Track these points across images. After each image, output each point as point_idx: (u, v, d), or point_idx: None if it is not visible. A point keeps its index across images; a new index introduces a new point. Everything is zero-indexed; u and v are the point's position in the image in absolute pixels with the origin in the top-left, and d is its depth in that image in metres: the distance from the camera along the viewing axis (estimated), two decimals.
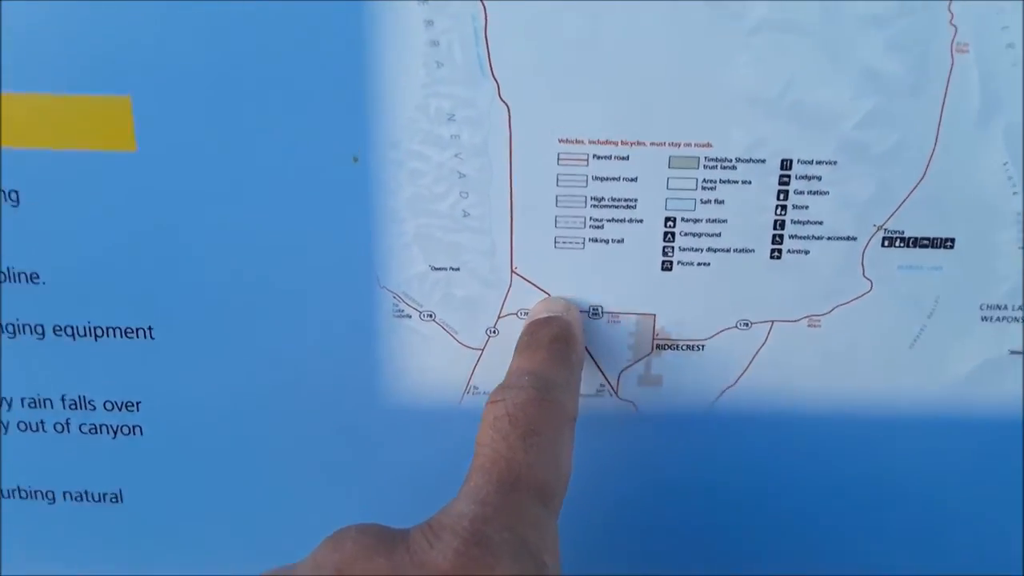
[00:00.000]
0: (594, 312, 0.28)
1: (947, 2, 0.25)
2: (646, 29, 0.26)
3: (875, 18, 0.26)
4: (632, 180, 0.27)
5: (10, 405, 0.28)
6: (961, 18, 0.26)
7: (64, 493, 0.29)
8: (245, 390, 0.28)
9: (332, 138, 0.26)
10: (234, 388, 0.28)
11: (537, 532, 0.20)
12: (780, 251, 0.28)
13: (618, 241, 0.28)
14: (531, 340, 0.26)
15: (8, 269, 0.27)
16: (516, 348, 0.26)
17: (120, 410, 0.28)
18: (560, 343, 0.25)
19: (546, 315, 0.27)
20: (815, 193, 0.27)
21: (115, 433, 0.28)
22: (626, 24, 0.26)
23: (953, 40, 0.26)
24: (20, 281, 0.27)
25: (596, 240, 0.28)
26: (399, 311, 0.28)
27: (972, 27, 0.26)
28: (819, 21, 0.26)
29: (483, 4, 0.25)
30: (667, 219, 0.28)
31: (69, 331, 0.27)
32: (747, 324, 0.28)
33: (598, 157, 0.27)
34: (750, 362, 0.29)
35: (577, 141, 0.27)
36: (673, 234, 0.28)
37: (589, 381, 0.29)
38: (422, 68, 0.26)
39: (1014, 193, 0.27)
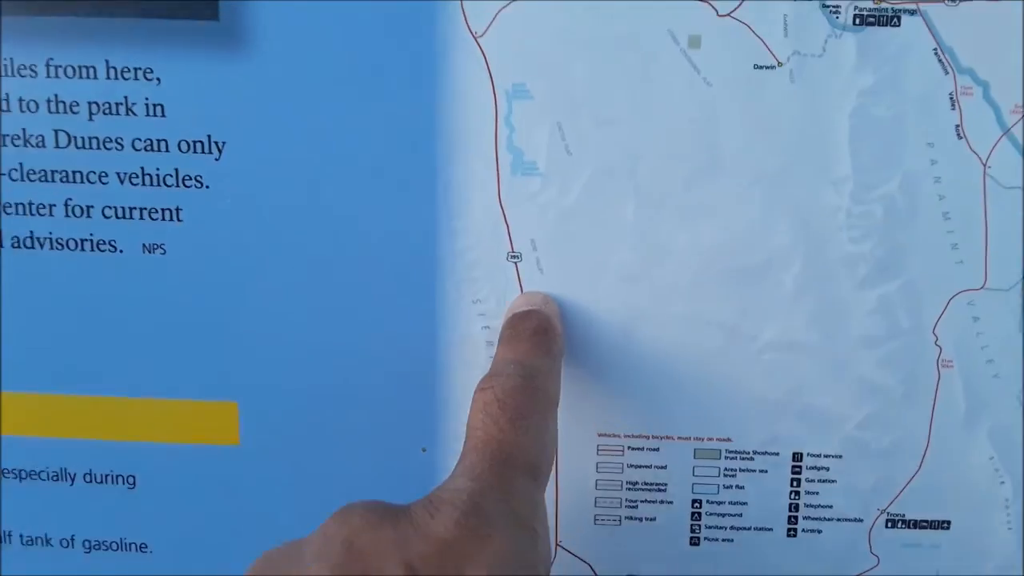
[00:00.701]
0: None
1: (932, 327, 0.30)
2: (673, 344, 0.30)
3: (869, 339, 0.30)
4: (662, 468, 0.31)
5: None
6: (945, 340, 0.30)
7: None
8: None
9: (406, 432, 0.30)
10: None
11: (528, 504, 0.22)
12: (795, 530, 0.31)
13: (651, 519, 0.32)
14: (514, 332, 0.27)
15: (121, 539, 0.31)
16: (500, 339, 0.28)
17: None
18: (541, 334, 0.27)
19: (526, 308, 0.28)
20: (824, 481, 0.31)
21: None
22: (655, 338, 0.30)
23: (938, 358, 0.30)
24: (131, 550, 0.31)
25: (631, 518, 0.32)
26: None
27: (955, 347, 0.30)
28: (820, 342, 0.30)
29: None
30: (694, 501, 0.32)
31: None
32: None
33: (632, 448, 0.31)
34: None
35: (614, 435, 0.31)
36: (700, 514, 0.32)
37: None
38: None
39: (1001, 483, 0.31)
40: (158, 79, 0.27)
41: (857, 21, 0.28)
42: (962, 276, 0.29)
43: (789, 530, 0.32)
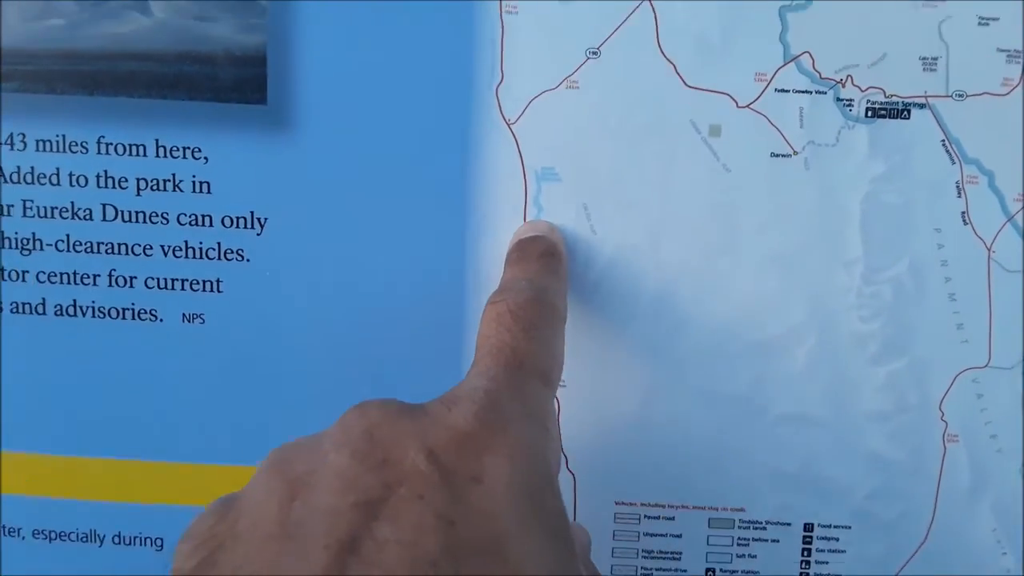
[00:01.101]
0: None
1: (939, 403, 0.31)
2: (690, 415, 0.31)
3: (878, 414, 0.31)
4: (677, 536, 0.32)
5: None
6: (950, 416, 0.31)
7: None
8: None
9: None
10: None
11: (541, 405, 0.23)
12: None
13: None
14: (522, 254, 0.28)
15: None
16: (508, 261, 0.28)
17: None
18: (548, 256, 0.27)
19: (533, 234, 0.29)
20: (834, 551, 0.32)
21: None
22: (672, 409, 0.31)
23: (944, 433, 0.31)
24: None
25: None
26: None
27: (960, 423, 0.31)
28: (831, 416, 0.31)
29: (556, 398, 0.31)
30: (708, 570, 0.32)
31: None
32: None
33: (648, 517, 0.32)
34: None
35: (631, 503, 0.32)
36: None
37: None
38: None
39: (1003, 554, 0.32)
40: (205, 158, 0.28)
41: (869, 113, 0.29)
42: (967, 355, 0.31)
43: None
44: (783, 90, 0.29)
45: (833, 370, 0.31)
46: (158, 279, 0.29)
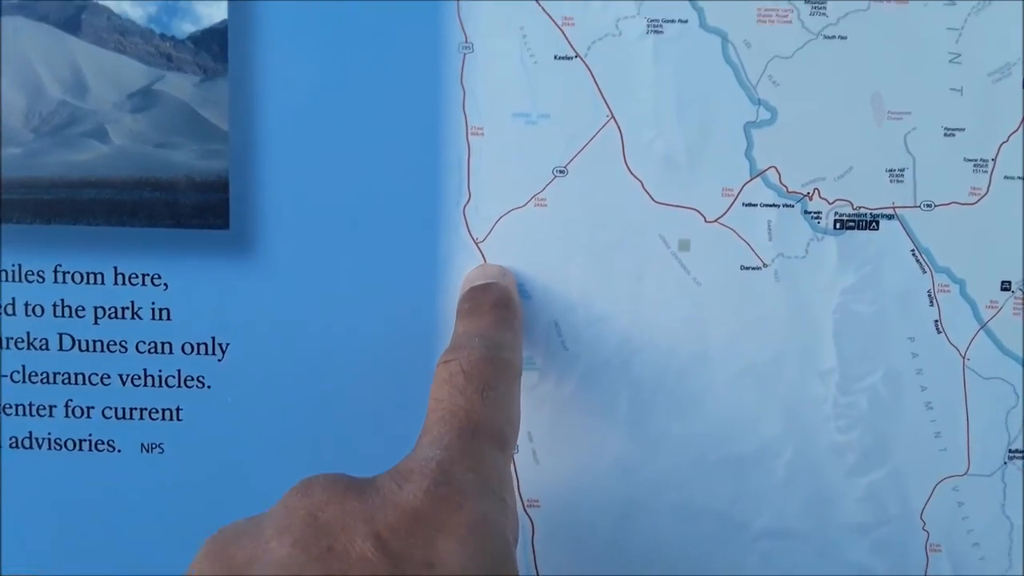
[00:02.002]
0: None
1: (920, 512, 0.30)
2: (669, 533, 0.30)
3: (859, 526, 0.30)
4: None
5: None
6: (932, 525, 0.31)
7: None
8: None
9: None
10: None
11: (497, 474, 0.21)
12: None
13: None
14: (473, 305, 0.26)
15: None
16: (459, 313, 0.27)
17: None
18: (502, 308, 0.26)
19: (484, 281, 0.27)
20: None
21: None
22: (651, 527, 0.30)
23: (927, 542, 0.31)
24: None
25: None
26: None
27: (942, 532, 0.30)
28: (812, 529, 0.30)
29: (530, 519, 0.30)
30: None
31: None
32: None
33: None
34: None
35: None
36: None
37: None
38: None
39: None
40: (165, 284, 0.28)
41: (837, 225, 0.29)
42: (946, 463, 0.30)
43: None
44: (751, 204, 0.29)
45: (812, 482, 0.30)
46: (116, 408, 0.28)
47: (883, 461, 0.30)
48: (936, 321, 0.30)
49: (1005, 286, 0.30)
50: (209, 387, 0.28)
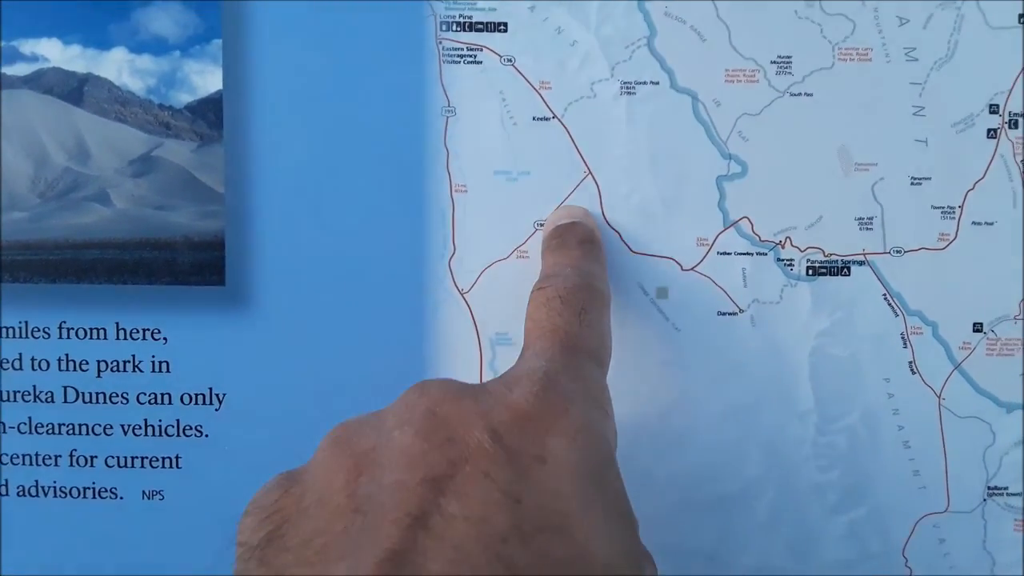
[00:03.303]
0: None
1: (901, 550, 0.31)
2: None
3: (842, 563, 0.31)
4: None
5: None
6: (914, 562, 0.31)
7: None
8: None
9: None
10: None
11: (597, 386, 0.23)
12: None
13: None
14: (561, 241, 0.28)
15: None
16: (547, 248, 0.28)
17: None
18: (588, 244, 0.28)
19: (570, 220, 0.28)
20: None
21: None
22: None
23: None
24: None
25: None
26: None
27: (924, 568, 0.31)
28: (796, 567, 0.31)
29: None
30: None
31: None
32: None
33: None
34: None
35: None
36: None
37: None
38: None
39: None
40: (165, 338, 0.29)
41: (810, 272, 0.30)
42: (926, 500, 0.31)
43: None
44: (725, 252, 0.30)
45: (795, 521, 0.31)
46: (118, 457, 0.29)
47: (863, 499, 0.31)
48: (911, 362, 0.30)
49: (977, 327, 0.30)
50: (207, 436, 0.29)
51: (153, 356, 0.29)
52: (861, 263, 0.30)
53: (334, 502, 0.18)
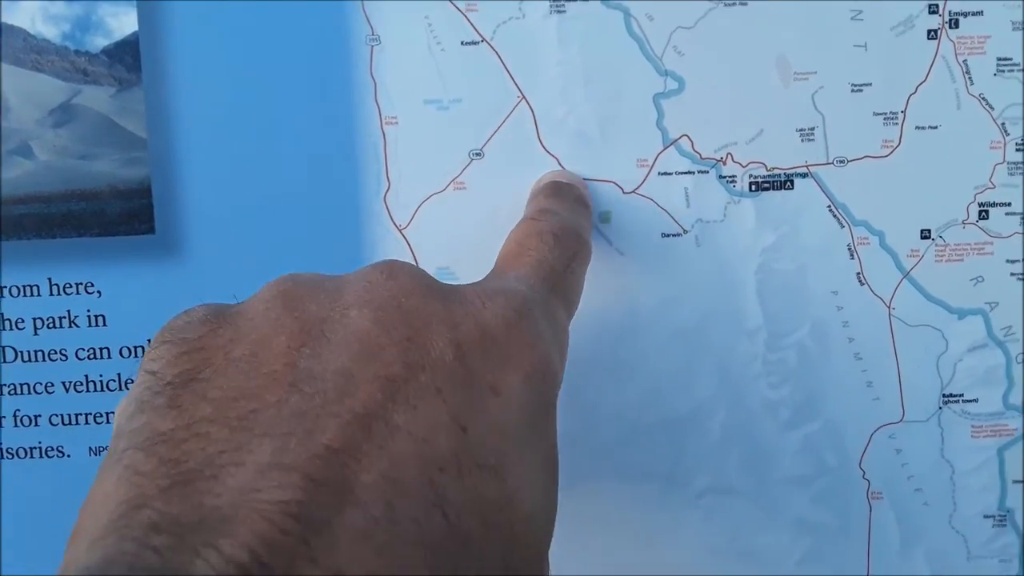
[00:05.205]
0: None
1: (858, 462, 0.31)
2: (613, 496, 0.31)
3: (799, 478, 0.31)
4: None
5: None
6: (872, 473, 0.31)
7: None
8: None
9: None
10: None
11: (563, 333, 0.22)
12: None
13: None
14: (557, 190, 0.27)
15: None
16: (540, 193, 0.27)
17: None
18: (582, 204, 0.27)
19: (568, 180, 0.28)
20: None
21: None
22: (595, 491, 0.31)
23: (868, 491, 0.31)
24: None
25: None
26: None
27: (882, 480, 0.31)
28: (753, 485, 0.31)
29: None
30: None
31: None
32: None
33: None
34: None
35: None
36: None
37: None
38: None
39: None
40: (99, 292, 0.28)
41: (753, 187, 0.30)
42: (880, 412, 0.31)
43: None
44: (666, 173, 0.30)
45: (749, 439, 0.31)
46: (62, 415, 0.29)
47: (817, 414, 0.31)
48: (858, 273, 0.30)
49: (925, 234, 0.30)
50: None
51: (88, 310, 0.28)
52: (804, 175, 0.30)
53: (269, 366, 0.16)
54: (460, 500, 0.16)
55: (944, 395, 0.31)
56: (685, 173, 0.30)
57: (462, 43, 0.29)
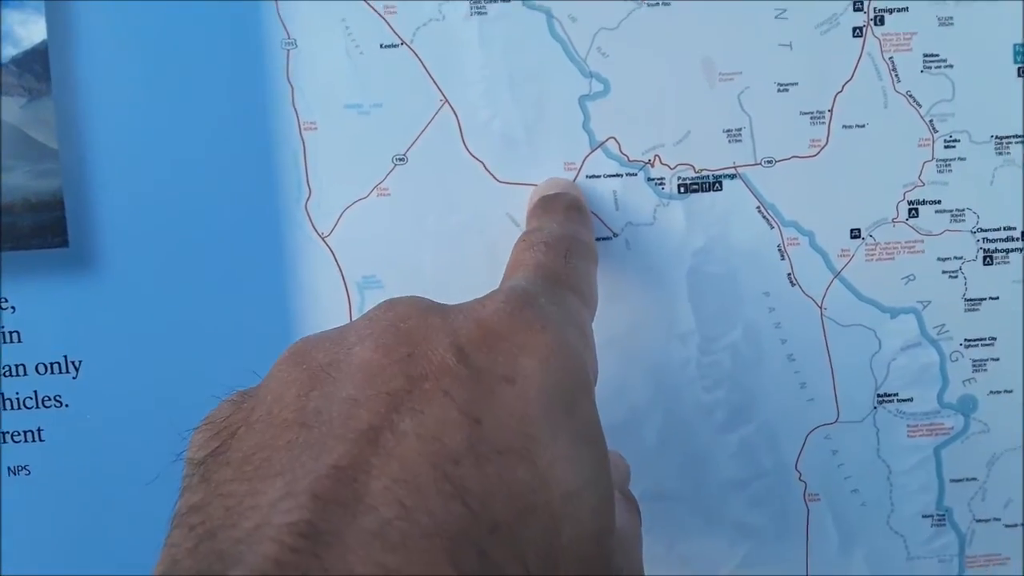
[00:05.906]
0: None
1: (794, 463, 0.31)
2: None
3: (735, 482, 0.31)
4: None
5: None
6: (808, 475, 0.31)
7: None
8: None
9: None
10: None
11: (579, 315, 0.21)
12: None
13: None
14: (547, 206, 0.27)
15: None
16: (531, 215, 0.27)
17: None
18: (575, 211, 0.27)
19: (555, 191, 0.28)
20: None
21: None
22: None
23: (804, 492, 0.31)
24: None
25: None
26: None
27: (819, 481, 0.31)
28: (689, 490, 0.31)
29: None
30: None
31: None
32: None
33: None
34: None
35: None
36: None
37: None
38: None
39: None
40: (13, 307, 0.28)
41: (681, 190, 0.29)
42: (815, 413, 0.31)
43: None
44: (594, 176, 0.29)
45: (685, 443, 0.31)
46: None
47: (751, 416, 0.31)
48: (789, 274, 0.30)
49: (855, 234, 0.30)
50: (67, 406, 0.28)
51: (2, 327, 0.28)
52: (732, 176, 0.30)
53: (281, 416, 0.17)
54: (482, 488, 0.16)
55: (879, 395, 0.31)
56: (613, 176, 0.29)
57: (381, 46, 0.28)
